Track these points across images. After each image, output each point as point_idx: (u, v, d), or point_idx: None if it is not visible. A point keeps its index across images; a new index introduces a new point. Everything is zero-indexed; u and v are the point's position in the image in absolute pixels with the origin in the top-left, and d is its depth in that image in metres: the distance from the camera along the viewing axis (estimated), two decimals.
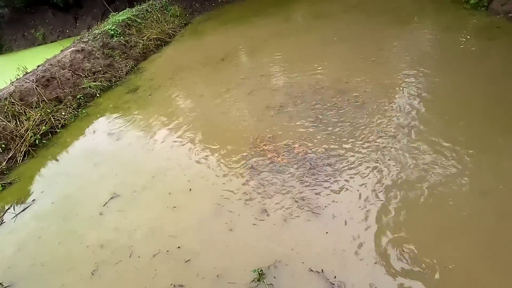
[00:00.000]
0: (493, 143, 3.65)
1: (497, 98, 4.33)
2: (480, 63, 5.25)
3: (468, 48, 5.81)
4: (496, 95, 4.38)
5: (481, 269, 2.58)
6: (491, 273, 2.55)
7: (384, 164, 3.73)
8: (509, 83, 4.55)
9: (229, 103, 5.97)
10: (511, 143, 3.59)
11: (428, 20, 7.43)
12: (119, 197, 4.42)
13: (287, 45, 8.08)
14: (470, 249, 2.73)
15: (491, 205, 3.01)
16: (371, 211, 3.25)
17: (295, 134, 4.61)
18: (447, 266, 2.64)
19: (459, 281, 2.55)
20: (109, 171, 5.02)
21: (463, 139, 3.79)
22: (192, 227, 3.66)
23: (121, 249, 3.62)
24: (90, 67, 8.63)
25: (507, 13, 6.50)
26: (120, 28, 10.41)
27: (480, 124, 3.96)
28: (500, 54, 5.41)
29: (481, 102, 4.35)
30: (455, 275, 2.58)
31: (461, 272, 2.60)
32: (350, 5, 9.62)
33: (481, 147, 3.63)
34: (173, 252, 3.41)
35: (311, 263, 2.93)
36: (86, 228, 4.08)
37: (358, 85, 5.44)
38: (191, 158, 4.76)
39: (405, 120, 4.34)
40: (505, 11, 6.57)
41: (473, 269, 2.60)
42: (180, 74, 8.08)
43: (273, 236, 3.29)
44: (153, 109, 6.65)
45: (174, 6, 13.41)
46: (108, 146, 5.75)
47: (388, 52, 6.36)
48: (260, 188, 3.88)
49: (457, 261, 2.66)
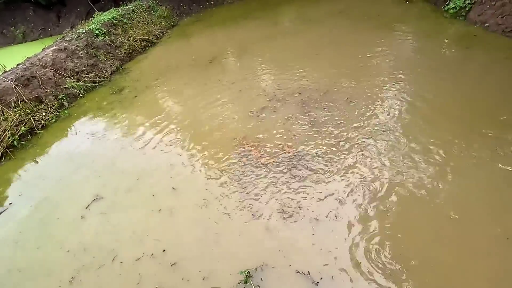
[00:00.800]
0: (466, 144, 3.81)
1: (472, 102, 4.56)
2: (458, 69, 5.50)
3: (447, 55, 6.06)
4: (471, 100, 4.61)
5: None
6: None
7: (368, 166, 3.82)
8: (484, 90, 4.78)
9: (217, 105, 5.95)
10: (486, 144, 3.75)
11: (411, 27, 7.69)
12: (102, 199, 4.31)
13: (275, 48, 8.15)
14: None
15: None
16: (357, 212, 3.31)
17: (282, 135, 4.65)
18: (433, 265, 2.73)
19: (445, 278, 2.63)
20: (92, 174, 4.89)
21: (440, 141, 3.93)
22: (177, 230, 3.61)
23: (104, 254, 3.52)
24: (73, 66, 8.40)
25: (483, 23, 6.83)
26: (105, 28, 10.20)
27: (455, 125, 4.16)
28: (476, 61, 5.68)
29: (458, 105, 4.56)
30: (441, 274, 2.67)
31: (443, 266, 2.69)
32: (336, 11, 9.84)
33: (456, 148, 3.78)
34: (158, 256, 3.35)
35: (297, 265, 2.95)
36: (66, 232, 3.94)
37: (343, 87, 5.56)
38: (176, 160, 4.71)
39: (388, 122, 4.47)
40: (482, 21, 6.90)
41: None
42: (167, 75, 7.99)
43: (259, 238, 3.29)
44: (138, 110, 6.53)
45: (161, 7, 13.28)
46: (91, 148, 5.60)
47: (373, 57, 6.53)
48: (246, 190, 3.88)
49: (445, 262, 2.75)
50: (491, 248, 2.75)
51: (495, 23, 6.56)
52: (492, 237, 2.84)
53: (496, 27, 6.50)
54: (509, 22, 6.28)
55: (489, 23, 6.68)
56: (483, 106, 4.44)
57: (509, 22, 6.28)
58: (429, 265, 2.72)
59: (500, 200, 3.14)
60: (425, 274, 2.67)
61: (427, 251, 2.83)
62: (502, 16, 6.48)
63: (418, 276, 2.67)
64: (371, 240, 3.01)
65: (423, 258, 2.78)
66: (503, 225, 2.91)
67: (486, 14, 6.86)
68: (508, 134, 3.86)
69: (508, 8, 6.43)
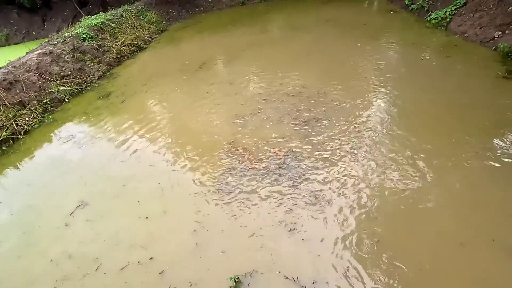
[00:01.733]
0: (448, 147, 3.95)
1: (453, 108, 4.75)
2: (440, 77, 5.72)
3: (429, 63, 6.30)
4: (452, 106, 4.81)
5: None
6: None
7: (355, 170, 3.89)
8: (464, 97, 4.99)
9: (206, 110, 5.95)
10: (466, 148, 3.90)
11: (396, 36, 7.96)
12: (87, 206, 4.20)
13: (263, 54, 8.25)
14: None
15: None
16: (346, 217, 3.36)
17: (271, 139, 4.68)
18: (422, 268, 2.78)
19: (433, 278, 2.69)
20: (77, 180, 4.76)
21: (423, 145, 4.06)
22: (164, 237, 3.55)
23: (88, 262, 3.42)
24: (59, 70, 8.23)
25: (463, 33, 7.14)
26: (93, 32, 10.06)
27: (437, 130, 4.33)
28: (456, 70, 5.93)
29: (440, 111, 4.74)
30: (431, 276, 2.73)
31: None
32: (323, 19, 10.07)
33: (438, 152, 3.91)
34: (145, 264, 3.28)
35: (286, 271, 2.95)
36: (49, 241, 3.81)
37: (331, 93, 5.68)
38: (164, 166, 4.66)
39: (373, 125, 4.58)
40: (461, 31, 7.21)
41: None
42: (156, 80, 7.94)
43: (248, 245, 3.27)
44: (125, 116, 6.44)
45: (150, 13, 13.23)
46: (76, 154, 5.47)
47: (359, 64, 6.71)
48: (235, 196, 3.87)
49: (433, 264, 2.82)
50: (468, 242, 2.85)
51: (474, 34, 6.87)
52: (469, 231, 2.93)
53: (475, 37, 6.80)
54: (486, 33, 6.60)
55: (469, 34, 6.99)
56: (463, 112, 4.63)
57: (486, 33, 6.60)
58: (419, 268, 2.78)
59: (481, 199, 3.25)
60: (417, 279, 2.73)
61: (418, 256, 2.89)
62: (480, 27, 6.80)
63: (410, 280, 2.72)
64: (360, 244, 3.05)
65: (413, 262, 2.84)
66: (477, 221, 3.01)
67: (465, 25, 7.18)
68: (486, 139, 4.03)
69: (485, 19, 6.76)
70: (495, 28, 6.48)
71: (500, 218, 3.07)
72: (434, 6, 8.53)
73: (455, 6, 7.73)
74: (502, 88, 5.07)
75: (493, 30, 6.50)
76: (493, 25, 6.55)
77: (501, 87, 5.09)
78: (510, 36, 6.12)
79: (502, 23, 6.40)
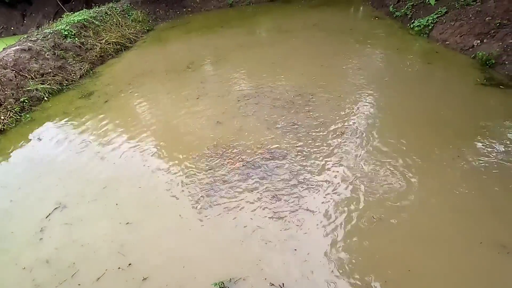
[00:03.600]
0: (428, 151, 4.05)
1: (433, 113, 4.88)
2: (421, 83, 5.89)
3: (412, 69, 6.46)
4: (432, 111, 4.94)
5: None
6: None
7: (339, 172, 3.91)
8: (444, 102, 5.14)
9: (191, 111, 5.85)
10: (446, 151, 4.00)
11: (380, 42, 8.14)
12: (64, 210, 4.02)
13: (251, 56, 8.24)
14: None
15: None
16: (330, 221, 3.36)
17: (256, 139, 4.65)
18: (411, 270, 2.81)
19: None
20: (55, 182, 4.56)
21: (404, 149, 4.15)
22: (146, 241, 3.44)
23: (65, 269, 3.26)
24: (38, 68, 7.91)
25: (444, 41, 7.38)
26: (75, 29, 9.75)
27: (418, 134, 4.44)
28: (437, 76, 6.12)
29: (421, 115, 4.87)
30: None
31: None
32: (310, 23, 10.18)
33: (419, 155, 4.00)
34: (126, 271, 3.16)
35: (272, 278, 2.91)
36: (22, 247, 3.61)
37: (317, 95, 5.73)
38: (146, 168, 4.54)
39: (357, 128, 4.64)
40: (443, 39, 7.45)
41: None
42: (141, 80, 7.76)
43: (234, 250, 3.22)
44: (108, 116, 6.25)
45: (136, 11, 12.99)
46: (54, 155, 5.24)
47: (346, 67, 6.81)
48: (220, 198, 3.81)
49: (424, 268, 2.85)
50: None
51: (454, 42, 7.11)
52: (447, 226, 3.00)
53: (455, 45, 7.04)
54: (466, 41, 6.84)
55: (449, 41, 7.23)
56: (443, 117, 4.77)
57: (466, 41, 6.84)
58: (407, 270, 2.81)
59: (460, 201, 3.34)
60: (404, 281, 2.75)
61: (404, 258, 2.92)
62: (460, 35, 7.04)
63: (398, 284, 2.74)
64: (346, 250, 3.06)
65: (400, 267, 2.86)
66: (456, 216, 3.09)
67: (446, 33, 7.43)
68: (466, 143, 4.15)
69: (465, 28, 7.02)
70: (474, 37, 6.74)
71: (482, 218, 3.16)
72: (417, 14, 8.78)
73: (437, 14, 7.99)
74: (480, 95, 5.25)
75: (472, 38, 6.75)
76: (472, 34, 6.80)
77: (480, 94, 5.28)
78: (488, 45, 6.37)
79: (481, 32, 6.66)
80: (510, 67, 5.71)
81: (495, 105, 4.96)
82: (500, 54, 5.99)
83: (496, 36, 6.34)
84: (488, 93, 5.28)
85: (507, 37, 6.13)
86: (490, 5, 6.91)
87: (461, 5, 7.64)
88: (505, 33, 6.21)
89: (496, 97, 5.16)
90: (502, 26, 6.37)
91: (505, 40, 6.11)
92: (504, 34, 6.21)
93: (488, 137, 4.23)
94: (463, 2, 7.64)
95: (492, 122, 4.53)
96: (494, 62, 5.97)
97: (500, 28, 6.37)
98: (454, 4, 7.84)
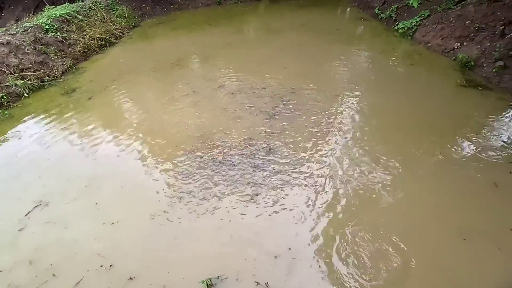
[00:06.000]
0: (411, 148, 4.18)
1: (416, 112, 5.06)
2: (404, 83, 6.08)
3: (396, 70, 6.65)
4: (415, 110, 5.12)
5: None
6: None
7: (323, 171, 3.98)
8: (426, 102, 5.32)
9: (178, 109, 5.79)
10: (428, 149, 4.14)
11: (366, 43, 8.31)
12: (44, 209, 3.89)
13: (239, 54, 8.23)
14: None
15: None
16: (318, 218, 3.41)
17: (244, 138, 4.66)
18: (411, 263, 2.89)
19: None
20: (35, 180, 4.40)
21: (388, 147, 4.26)
22: (129, 241, 3.39)
23: (44, 271, 3.15)
24: (18, 63, 7.60)
25: (427, 43, 7.61)
26: (57, 23, 9.43)
27: (401, 132, 4.58)
28: (419, 77, 6.31)
29: (404, 114, 5.03)
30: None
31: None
32: (298, 24, 10.27)
33: (402, 153, 4.12)
34: (109, 270, 3.10)
35: (258, 276, 2.92)
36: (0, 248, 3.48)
37: (305, 93, 5.82)
38: (130, 167, 4.46)
39: (343, 127, 4.73)
40: (425, 41, 7.69)
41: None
42: (127, 77, 7.60)
43: (219, 248, 3.22)
44: (92, 113, 6.09)
45: (122, 7, 12.68)
46: (35, 152, 5.06)
47: (332, 67, 6.92)
48: (205, 198, 3.80)
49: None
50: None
51: (436, 44, 7.35)
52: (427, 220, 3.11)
53: (437, 47, 7.28)
54: (447, 44, 7.09)
55: (431, 44, 7.47)
56: (425, 116, 4.94)
57: (447, 44, 7.09)
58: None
59: (442, 198, 3.47)
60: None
61: (389, 258, 3.00)
62: (442, 38, 7.29)
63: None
64: (336, 250, 3.11)
65: (387, 266, 2.94)
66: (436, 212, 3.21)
67: (429, 36, 7.67)
68: (446, 141, 4.32)
69: (446, 31, 7.26)
70: (454, 40, 6.98)
71: (465, 216, 3.29)
72: (401, 16, 9.02)
73: (420, 17, 8.23)
74: (461, 96, 5.46)
75: (453, 41, 7.00)
76: (453, 36, 7.05)
77: (460, 95, 5.49)
78: (467, 48, 6.62)
79: (461, 35, 6.91)
80: (488, 69, 5.96)
81: (474, 106, 5.17)
82: (478, 56, 6.24)
83: (475, 40, 6.60)
84: (468, 94, 5.49)
85: (485, 41, 6.39)
86: (469, 10, 7.18)
87: (442, 8, 7.91)
88: (483, 37, 6.47)
89: (475, 98, 5.38)
90: (481, 29, 6.63)
91: (483, 43, 6.37)
92: (482, 38, 6.47)
93: (467, 136, 4.41)
94: (445, 6, 7.91)
95: (472, 122, 4.73)
96: (473, 64, 6.21)
97: (479, 32, 6.63)
98: (436, 7, 8.10)
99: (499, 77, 5.69)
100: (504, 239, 3.03)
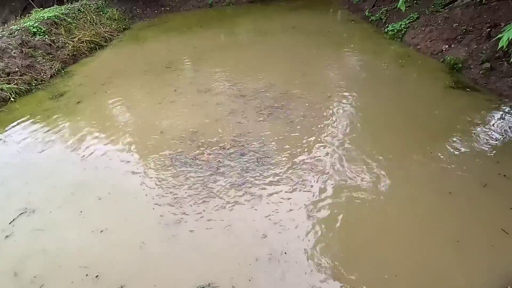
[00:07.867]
0: (401, 150, 4.21)
1: (406, 113, 5.12)
2: (395, 85, 6.14)
3: (386, 72, 6.73)
4: (405, 112, 5.18)
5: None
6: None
7: (313, 173, 3.98)
8: (416, 103, 5.38)
9: (169, 112, 5.73)
10: (419, 151, 4.18)
11: (356, 45, 8.39)
12: (29, 217, 3.78)
13: (231, 57, 8.21)
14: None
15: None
16: (304, 225, 3.40)
17: (236, 140, 4.63)
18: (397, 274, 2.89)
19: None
20: (21, 187, 4.28)
21: (379, 148, 4.29)
22: (118, 248, 3.32)
23: (29, 282, 3.06)
24: (4, 66, 7.43)
25: (416, 45, 7.71)
26: (45, 26, 9.26)
27: (392, 133, 4.65)
28: (409, 79, 6.41)
29: (395, 116, 5.09)
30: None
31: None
32: (289, 26, 10.30)
33: (392, 155, 4.15)
34: (99, 280, 3.03)
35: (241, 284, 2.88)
36: None
37: (296, 96, 5.84)
38: (118, 173, 4.38)
39: (333, 129, 4.75)
40: (414, 43, 7.79)
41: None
42: (117, 80, 7.50)
43: (211, 255, 3.17)
44: (81, 117, 5.98)
45: (112, 9, 12.54)
46: (21, 158, 4.93)
47: (324, 69, 6.97)
48: (196, 203, 3.76)
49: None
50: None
51: (425, 46, 7.46)
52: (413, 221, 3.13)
53: (426, 49, 7.38)
54: (436, 46, 7.19)
55: (421, 46, 7.57)
56: (414, 117, 5.01)
57: (436, 46, 7.19)
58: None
59: (430, 201, 3.49)
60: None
61: (377, 257, 3.00)
62: (430, 40, 7.39)
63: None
64: (322, 257, 3.10)
65: (375, 265, 2.94)
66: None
67: (418, 38, 7.77)
68: (435, 142, 4.37)
69: (435, 34, 7.38)
70: (442, 42, 7.09)
71: (455, 216, 3.32)
72: (391, 18, 9.13)
73: (409, 20, 8.35)
74: (449, 97, 5.54)
75: (441, 43, 7.11)
76: (441, 39, 7.17)
77: (449, 96, 5.57)
78: (455, 50, 6.73)
79: (449, 37, 7.03)
80: (475, 71, 6.07)
81: (463, 107, 5.25)
82: (466, 58, 6.35)
83: (462, 42, 6.72)
84: (456, 95, 5.58)
85: (472, 43, 6.50)
86: (457, 12, 7.31)
87: (431, 11, 8.04)
88: (470, 39, 6.59)
89: (463, 99, 5.47)
90: (468, 32, 6.75)
91: (470, 46, 6.48)
92: (469, 40, 6.59)
93: (456, 137, 4.47)
94: (433, 9, 8.04)
95: (460, 123, 4.80)
96: (461, 66, 6.32)
97: (466, 34, 6.75)
98: (425, 10, 8.23)
99: (486, 78, 5.79)
100: (495, 238, 3.06)
